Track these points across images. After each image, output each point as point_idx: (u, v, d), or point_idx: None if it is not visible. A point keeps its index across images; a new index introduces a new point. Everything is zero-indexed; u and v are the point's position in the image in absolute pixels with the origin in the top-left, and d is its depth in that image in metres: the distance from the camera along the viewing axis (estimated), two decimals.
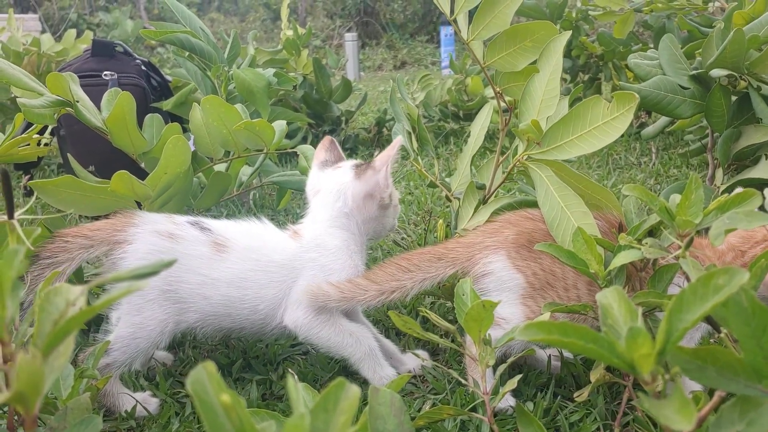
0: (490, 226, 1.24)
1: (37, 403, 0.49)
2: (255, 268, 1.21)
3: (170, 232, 1.19)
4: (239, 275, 1.20)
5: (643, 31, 4.16)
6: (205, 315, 1.20)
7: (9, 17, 3.75)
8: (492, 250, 1.18)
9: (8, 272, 0.54)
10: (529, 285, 1.14)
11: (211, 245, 1.20)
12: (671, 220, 0.90)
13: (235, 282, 1.19)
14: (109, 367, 1.15)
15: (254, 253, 1.21)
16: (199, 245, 1.19)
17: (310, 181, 1.37)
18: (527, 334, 0.59)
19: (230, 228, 1.25)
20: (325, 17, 13.06)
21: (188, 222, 1.22)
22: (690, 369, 0.62)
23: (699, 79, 1.77)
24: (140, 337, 1.16)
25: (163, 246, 1.17)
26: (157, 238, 1.18)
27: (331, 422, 0.51)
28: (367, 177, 1.27)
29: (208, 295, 1.18)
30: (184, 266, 1.18)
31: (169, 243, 1.18)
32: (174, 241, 1.18)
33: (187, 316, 1.19)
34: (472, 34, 1.36)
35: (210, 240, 1.20)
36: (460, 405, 1.17)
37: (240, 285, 1.20)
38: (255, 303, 1.21)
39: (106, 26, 11.21)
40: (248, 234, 1.25)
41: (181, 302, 1.18)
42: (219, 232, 1.22)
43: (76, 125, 2.27)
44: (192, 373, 0.49)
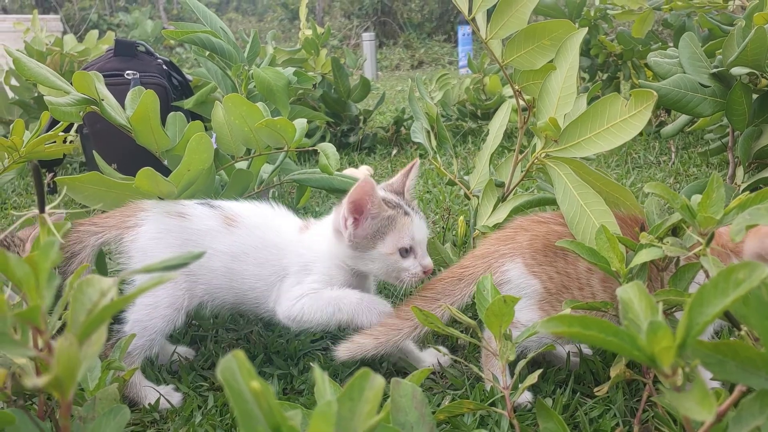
0: (503, 233, 1.24)
1: (72, 389, 0.51)
2: (257, 246, 1.25)
3: (179, 212, 1.24)
4: (243, 249, 1.24)
5: (662, 30, 4.15)
6: (211, 287, 1.24)
7: (33, 18, 3.81)
8: (508, 257, 1.18)
9: (44, 263, 0.55)
10: (545, 290, 1.15)
11: (221, 219, 1.25)
12: (692, 218, 0.90)
13: (239, 256, 1.24)
14: (131, 354, 1.17)
15: (259, 230, 1.26)
16: (208, 220, 1.25)
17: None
18: (549, 327, 0.60)
19: (242, 206, 1.30)
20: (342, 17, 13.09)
21: (197, 203, 1.29)
22: (710, 363, 0.62)
23: (719, 77, 1.77)
24: (156, 317, 1.19)
25: (172, 225, 1.22)
26: (166, 218, 1.23)
27: (356, 410, 0.53)
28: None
29: (214, 267, 1.23)
30: (193, 241, 1.22)
31: (179, 221, 1.23)
32: (183, 218, 1.23)
33: (196, 290, 1.23)
34: (491, 32, 1.37)
35: (219, 214, 1.26)
36: (479, 400, 1.17)
37: (242, 259, 1.24)
38: (253, 281, 1.25)
39: (126, 26, 11.32)
40: (258, 213, 1.30)
41: (192, 276, 1.22)
42: (229, 208, 1.28)
43: (99, 124, 2.30)
44: (222, 360, 0.50)
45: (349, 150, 3.43)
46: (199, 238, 1.23)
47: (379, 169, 2.99)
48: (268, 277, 1.25)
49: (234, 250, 1.24)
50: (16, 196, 2.85)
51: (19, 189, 2.96)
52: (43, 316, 0.53)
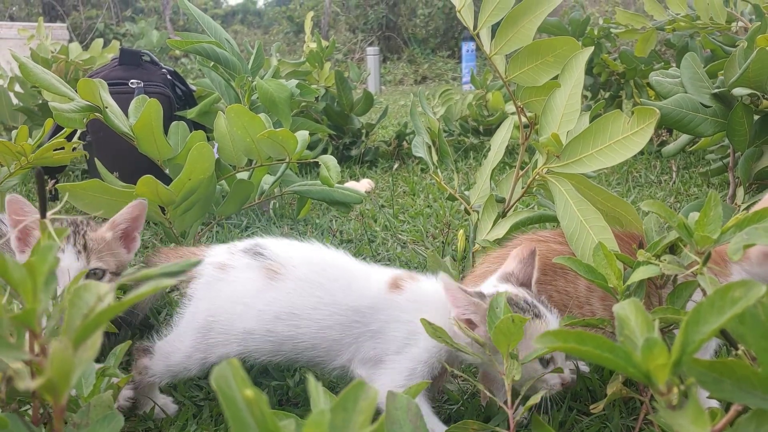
0: (502, 252, 1.24)
1: (66, 393, 0.51)
2: (315, 306, 1.07)
3: (222, 263, 1.12)
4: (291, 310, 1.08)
5: (665, 50, 4.16)
6: (248, 349, 1.10)
7: (38, 25, 3.84)
8: None
9: (42, 267, 0.56)
10: None
11: (263, 271, 1.09)
12: (689, 237, 0.90)
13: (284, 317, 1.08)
14: (148, 370, 1.15)
15: (319, 290, 1.08)
16: (248, 271, 1.10)
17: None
18: (545, 342, 0.60)
19: (292, 251, 1.13)
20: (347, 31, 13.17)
21: (244, 248, 1.13)
22: (706, 381, 0.62)
23: (721, 97, 1.77)
24: (175, 361, 1.13)
25: (213, 275, 1.12)
26: (211, 269, 1.13)
27: (350, 421, 0.53)
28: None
29: (249, 327, 1.08)
30: (228, 295, 1.10)
31: (219, 272, 1.12)
32: (224, 270, 1.11)
33: (226, 349, 1.10)
34: (495, 48, 1.38)
35: (261, 265, 1.10)
36: (475, 416, 1.17)
37: (290, 321, 1.08)
38: (313, 341, 1.08)
39: (132, 36, 11.40)
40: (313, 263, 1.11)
41: (222, 334, 1.10)
42: (275, 255, 1.11)
43: (102, 132, 2.31)
44: (216, 368, 0.50)
45: (350, 163, 3.44)
46: (233, 291, 1.10)
47: (381, 183, 2.99)
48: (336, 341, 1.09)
49: (276, 309, 1.08)
50: None
51: (22, 195, 2.96)
52: (38, 319, 0.53)
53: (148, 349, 1.15)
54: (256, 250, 1.11)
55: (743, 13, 2.56)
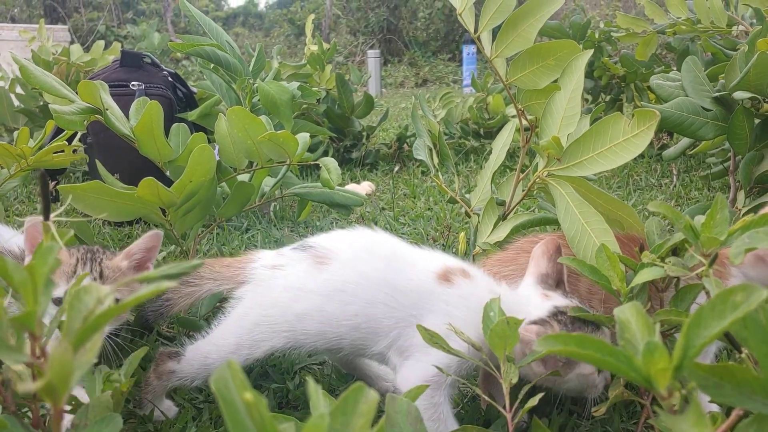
0: (504, 255, 1.24)
1: (65, 396, 0.51)
2: (359, 281, 1.08)
3: (273, 264, 1.14)
4: (338, 287, 1.08)
5: (665, 54, 4.17)
6: (295, 334, 1.10)
7: (40, 27, 3.84)
8: (510, 279, 1.18)
9: (42, 269, 0.55)
10: None
11: (311, 259, 1.11)
12: (696, 239, 0.90)
13: (332, 294, 1.08)
14: (174, 374, 1.14)
15: (364, 265, 1.09)
16: (298, 263, 1.12)
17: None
18: (545, 345, 0.59)
19: (337, 238, 1.15)
20: (348, 34, 13.19)
21: (293, 247, 1.15)
22: (707, 385, 0.62)
23: (722, 101, 1.77)
24: (214, 360, 1.13)
25: (267, 275, 1.13)
26: (264, 271, 1.14)
27: (349, 425, 0.52)
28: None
29: (300, 310, 1.09)
30: (280, 288, 1.11)
31: (271, 272, 1.13)
32: (276, 269, 1.13)
33: (272, 342, 1.11)
34: (496, 51, 1.38)
35: (310, 255, 1.11)
36: (474, 419, 1.17)
37: (338, 298, 1.08)
38: (357, 320, 1.08)
39: (134, 38, 11.41)
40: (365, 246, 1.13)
41: (271, 325, 1.10)
42: (322, 245, 1.12)
43: (103, 134, 2.31)
44: (216, 371, 0.50)
45: (351, 166, 3.44)
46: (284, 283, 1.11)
47: (381, 186, 2.99)
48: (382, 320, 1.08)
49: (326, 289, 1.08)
50: (18, 203, 2.85)
51: (22, 197, 2.97)
52: (38, 322, 0.53)
53: (176, 353, 1.15)
54: (305, 245, 1.14)
55: (744, 16, 2.57)
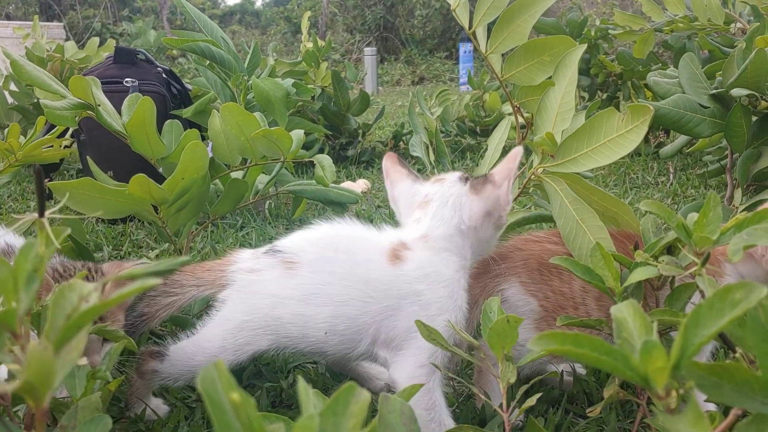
0: (497, 253, 1.23)
1: (47, 396, 0.49)
2: (330, 282, 1.06)
3: (251, 268, 1.11)
4: (311, 291, 1.06)
5: (662, 52, 4.16)
6: (278, 337, 1.08)
7: (34, 24, 3.82)
8: (503, 277, 1.17)
9: (25, 265, 0.54)
10: (542, 308, 1.14)
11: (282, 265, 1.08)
12: (688, 237, 0.89)
13: (307, 298, 1.06)
14: (157, 374, 1.12)
15: (330, 264, 1.07)
16: (271, 269, 1.09)
17: (399, 193, 1.20)
18: (541, 344, 0.58)
19: (302, 239, 1.12)
20: (344, 32, 13.16)
21: (264, 251, 1.13)
22: (705, 385, 0.61)
23: (719, 98, 1.77)
24: (199, 362, 1.10)
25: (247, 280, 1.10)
26: (242, 275, 1.11)
27: (340, 425, 0.51)
28: (487, 192, 1.09)
29: (278, 315, 1.07)
30: (260, 294, 1.09)
31: (249, 276, 1.10)
32: (253, 273, 1.10)
33: (257, 345, 1.09)
34: (491, 47, 1.36)
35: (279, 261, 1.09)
36: (470, 418, 1.16)
37: (312, 301, 1.06)
38: (333, 322, 1.06)
39: (129, 36, 11.37)
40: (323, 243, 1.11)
41: (254, 330, 1.08)
42: (289, 249, 1.10)
43: (96, 130, 2.30)
44: (202, 371, 0.48)
45: (347, 163, 3.42)
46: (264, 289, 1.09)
47: (377, 183, 2.98)
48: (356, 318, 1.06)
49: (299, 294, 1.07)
50: (11, 201, 2.83)
51: (15, 194, 2.95)
52: (20, 320, 0.52)
53: (159, 352, 1.12)
54: (274, 249, 1.11)
55: (741, 14, 2.56)
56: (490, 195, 1.09)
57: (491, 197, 1.09)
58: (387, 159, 1.22)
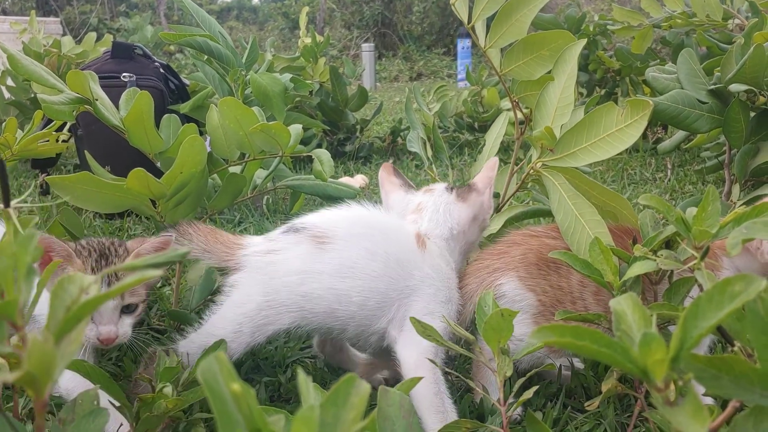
0: (496, 248, 1.23)
1: (47, 388, 0.49)
2: (365, 257, 1.09)
3: (267, 250, 1.13)
4: (346, 264, 1.09)
5: (660, 48, 4.16)
6: (303, 314, 1.10)
7: (31, 19, 3.81)
8: (501, 272, 1.17)
9: (24, 257, 0.54)
10: (540, 303, 1.14)
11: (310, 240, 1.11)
12: (687, 231, 0.89)
13: (341, 272, 1.09)
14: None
15: (365, 240, 1.11)
16: (296, 246, 1.11)
17: (396, 201, 1.28)
18: (541, 337, 0.58)
19: (331, 216, 1.16)
20: (342, 28, 13.15)
21: (282, 231, 1.15)
22: (704, 377, 0.61)
23: (717, 94, 1.77)
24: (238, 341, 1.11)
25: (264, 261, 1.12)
26: (257, 257, 1.13)
27: (340, 417, 0.51)
28: (472, 199, 1.22)
29: (306, 291, 1.08)
30: (283, 272, 1.10)
31: (267, 258, 1.12)
32: (271, 254, 1.12)
33: (277, 325, 1.10)
34: (490, 41, 1.36)
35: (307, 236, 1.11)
36: (468, 413, 1.16)
37: (347, 275, 1.09)
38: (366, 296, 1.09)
39: (126, 31, 11.33)
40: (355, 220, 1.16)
41: (276, 308, 1.10)
42: (318, 225, 1.13)
43: (94, 125, 2.29)
44: (203, 362, 0.49)
45: (345, 159, 3.42)
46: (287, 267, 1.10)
47: (375, 179, 2.97)
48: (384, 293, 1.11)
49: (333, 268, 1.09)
50: None
51: (12, 189, 2.94)
52: (20, 311, 0.52)
53: (167, 352, 1.11)
54: (295, 227, 1.14)
55: (740, 10, 2.56)
56: (475, 201, 1.22)
57: (476, 203, 1.22)
58: (383, 170, 1.34)
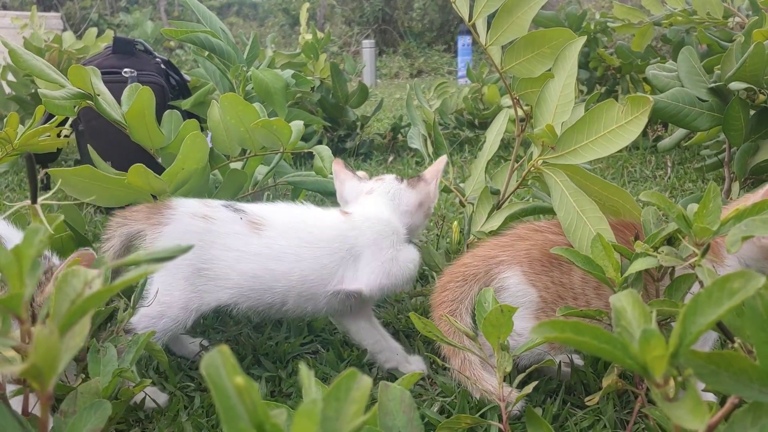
0: (502, 240, 1.23)
1: (52, 380, 0.50)
2: (299, 245, 1.21)
3: (204, 214, 1.21)
4: (281, 251, 1.20)
5: (661, 46, 4.16)
6: (241, 290, 1.20)
7: (32, 14, 3.81)
8: (507, 264, 1.18)
9: (28, 251, 0.54)
10: (541, 299, 1.14)
11: (247, 224, 1.21)
12: (688, 228, 0.89)
13: (278, 257, 1.20)
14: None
15: (296, 231, 1.23)
16: (233, 224, 1.21)
17: (348, 189, 1.42)
18: (541, 332, 0.59)
19: (265, 209, 1.27)
20: (343, 24, 13.12)
21: (222, 204, 1.25)
22: (703, 373, 0.61)
23: (717, 91, 1.77)
24: (167, 316, 1.18)
25: (197, 226, 1.20)
26: (191, 219, 1.21)
27: (342, 411, 0.51)
28: (420, 187, 1.36)
29: (245, 270, 1.19)
30: (219, 244, 1.19)
31: (204, 223, 1.20)
32: (208, 221, 1.21)
33: (219, 294, 1.20)
34: (491, 39, 1.36)
35: (245, 220, 1.22)
36: (468, 409, 1.16)
37: (283, 259, 1.20)
38: (309, 277, 1.21)
39: (126, 27, 11.30)
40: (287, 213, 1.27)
41: (215, 279, 1.19)
42: (254, 212, 1.24)
43: (95, 120, 2.29)
44: (206, 356, 0.49)
45: (345, 155, 3.42)
46: (224, 240, 1.20)
47: (375, 176, 2.97)
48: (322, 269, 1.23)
49: (268, 252, 1.20)
50: (9, 191, 2.83)
51: (13, 185, 2.94)
52: (24, 304, 0.52)
53: (130, 330, 1.15)
54: (235, 208, 1.24)
55: (740, 8, 2.55)
56: (422, 189, 1.36)
57: (423, 191, 1.36)
58: (335, 164, 1.47)
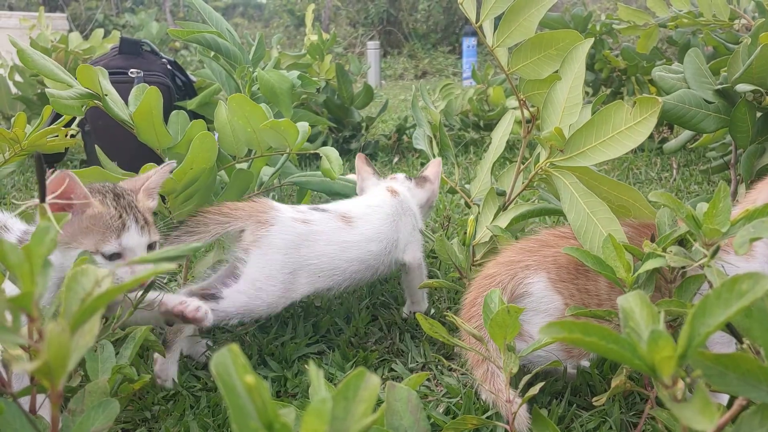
0: (527, 245, 1.22)
1: (62, 378, 0.50)
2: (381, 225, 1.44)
3: (304, 218, 1.36)
4: (373, 233, 1.43)
5: (666, 48, 4.16)
6: (347, 273, 1.38)
7: (39, 15, 3.82)
8: (533, 270, 1.16)
9: (39, 250, 0.55)
10: (566, 307, 1.13)
11: (340, 219, 1.40)
12: (698, 229, 0.89)
13: (372, 239, 1.42)
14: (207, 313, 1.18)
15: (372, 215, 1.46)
16: (329, 221, 1.38)
17: (369, 185, 1.66)
18: (549, 332, 0.59)
19: (339, 205, 1.49)
20: (348, 25, 13.12)
21: (309, 208, 1.41)
22: (711, 375, 0.61)
23: (724, 93, 1.76)
24: (262, 299, 1.27)
25: (301, 228, 1.33)
26: (294, 222, 1.33)
27: (350, 410, 0.52)
28: (427, 186, 1.65)
29: (351, 256, 1.38)
30: (322, 241, 1.35)
31: (305, 226, 1.34)
32: (308, 224, 1.35)
33: (321, 283, 1.35)
34: (497, 41, 1.36)
35: (335, 216, 1.41)
36: (473, 410, 1.16)
37: (376, 239, 1.42)
38: (390, 248, 1.45)
39: (132, 27, 11.34)
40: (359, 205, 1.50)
41: (323, 271, 1.34)
42: (336, 209, 1.44)
43: (101, 121, 2.30)
44: (216, 354, 0.49)
45: (350, 156, 3.42)
46: (326, 237, 1.36)
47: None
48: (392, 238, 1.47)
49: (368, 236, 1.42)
50: (15, 191, 2.84)
51: (19, 184, 2.95)
52: (35, 303, 0.52)
53: (213, 294, 1.24)
54: (319, 209, 1.42)
55: (746, 10, 2.55)
56: (428, 188, 1.65)
57: (429, 189, 1.65)
58: (358, 159, 1.72)
